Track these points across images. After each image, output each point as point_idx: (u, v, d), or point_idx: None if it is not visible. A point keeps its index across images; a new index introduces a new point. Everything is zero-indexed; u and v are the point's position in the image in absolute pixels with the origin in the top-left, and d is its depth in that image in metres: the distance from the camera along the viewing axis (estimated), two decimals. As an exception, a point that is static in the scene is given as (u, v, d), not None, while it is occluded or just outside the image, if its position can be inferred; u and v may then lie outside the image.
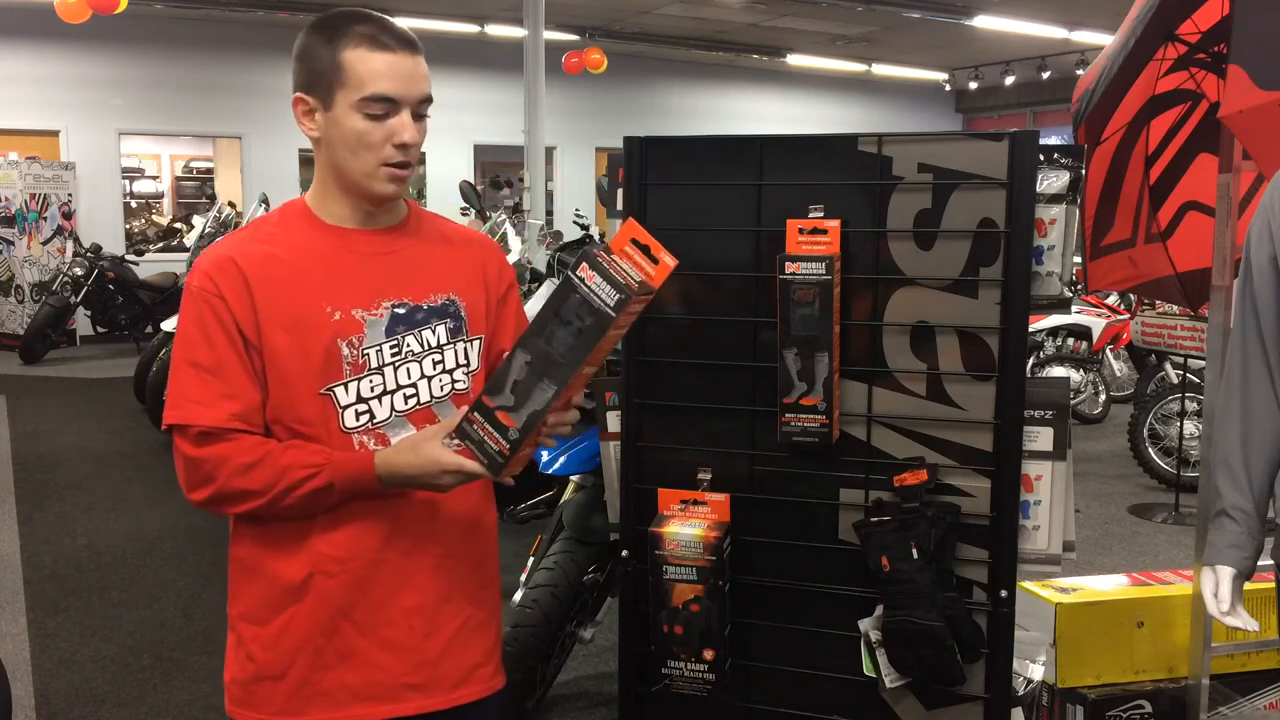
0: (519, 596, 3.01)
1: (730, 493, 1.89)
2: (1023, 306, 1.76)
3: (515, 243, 6.23)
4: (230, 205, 10.10)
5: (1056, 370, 7.71)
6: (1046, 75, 14.09)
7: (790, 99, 15.91)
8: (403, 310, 1.56)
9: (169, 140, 14.79)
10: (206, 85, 12.12)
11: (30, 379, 9.38)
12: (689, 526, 1.82)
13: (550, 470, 3.12)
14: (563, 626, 3.07)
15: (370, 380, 1.53)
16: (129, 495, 5.77)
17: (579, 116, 13.89)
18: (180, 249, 12.08)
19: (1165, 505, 5.92)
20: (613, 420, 2.03)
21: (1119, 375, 8.68)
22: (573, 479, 3.23)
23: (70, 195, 11.14)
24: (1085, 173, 1.98)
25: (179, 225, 14.31)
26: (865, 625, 1.84)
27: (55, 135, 11.73)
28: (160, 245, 12.79)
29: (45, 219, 10.96)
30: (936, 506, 1.77)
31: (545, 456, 3.09)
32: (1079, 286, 6.87)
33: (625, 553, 1.99)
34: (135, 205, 14.92)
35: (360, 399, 1.53)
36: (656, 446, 1.97)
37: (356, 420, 1.53)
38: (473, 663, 1.64)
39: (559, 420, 1.45)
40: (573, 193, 14.27)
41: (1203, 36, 2.68)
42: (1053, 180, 1.80)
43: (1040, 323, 7.68)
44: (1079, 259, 2.83)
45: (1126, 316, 7.77)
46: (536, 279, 5.50)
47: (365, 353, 1.53)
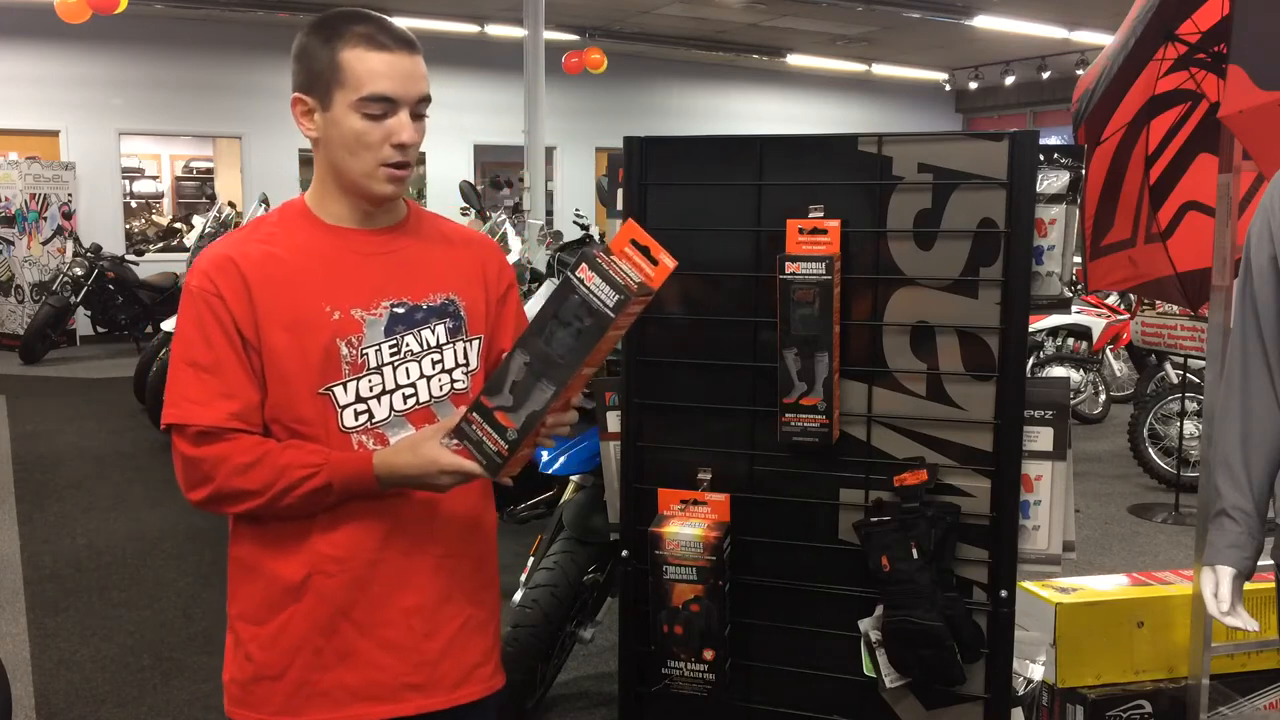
0: (519, 596, 3.01)
1: (730, 493, 1.88)
2: (1023, 306, 1.76)
3: (515, 243, 6.23)
4: (230, 205, 10.10)
5: (1056, 370, 7.70)
6: (1046, 75, 14.09)
7: (790, 99, 15.91)
8: (402, 310, 1.56)
9: (169, 140, 14.80)
10: (206, 85, 12.12)
11: (30, 379, 9.38)
12: (689, 526, 1.82)
13: (550, 470, 3.12)
14: (563, 626, 3.07)
15: (369, 380, 1.53)
16: (129, 495, 5.77)
17: (579, 116, 13.89)
18: (180, 249, 12.09)
19: (1165, 505, 5.92)
20: (613, 420, 2.02)
21: (1119, 375, 8.68)
22: (573, 479, 3.23)
23: (70, 195, 11.14)
24: (1085, 173, 1.98)
25: (179, 225, 14.31)
26: (865, 625, 1.84)
27: (55, 135, 11.74)
28: (160, 245, 12.80)
29: (45, 219, 10.96)
30: (936, 506, 1.77)
31: (545, 456, 3.09)
32: (1079, 286, 6.87)
33: (625, 553, 1.99)
34: (135, 205, 14.92)
35: (359, 398, 1.53)
36: (656, 446, 1.97)
37: (355, 420, 1.53)
38: (472, 663, 1.64)
39: (558, 421, 1.45)
40: (573, 193, 14.27)
41: (1203, 36, 2.68)
42: (1053, 180, 1.80)
43: (1040, 323, 7.68)
44: (1079, 259, 2.82)
45: (1126, 316, 7.77)
46: (536, 279, 5.50)
47: (364, 352, 1.53)
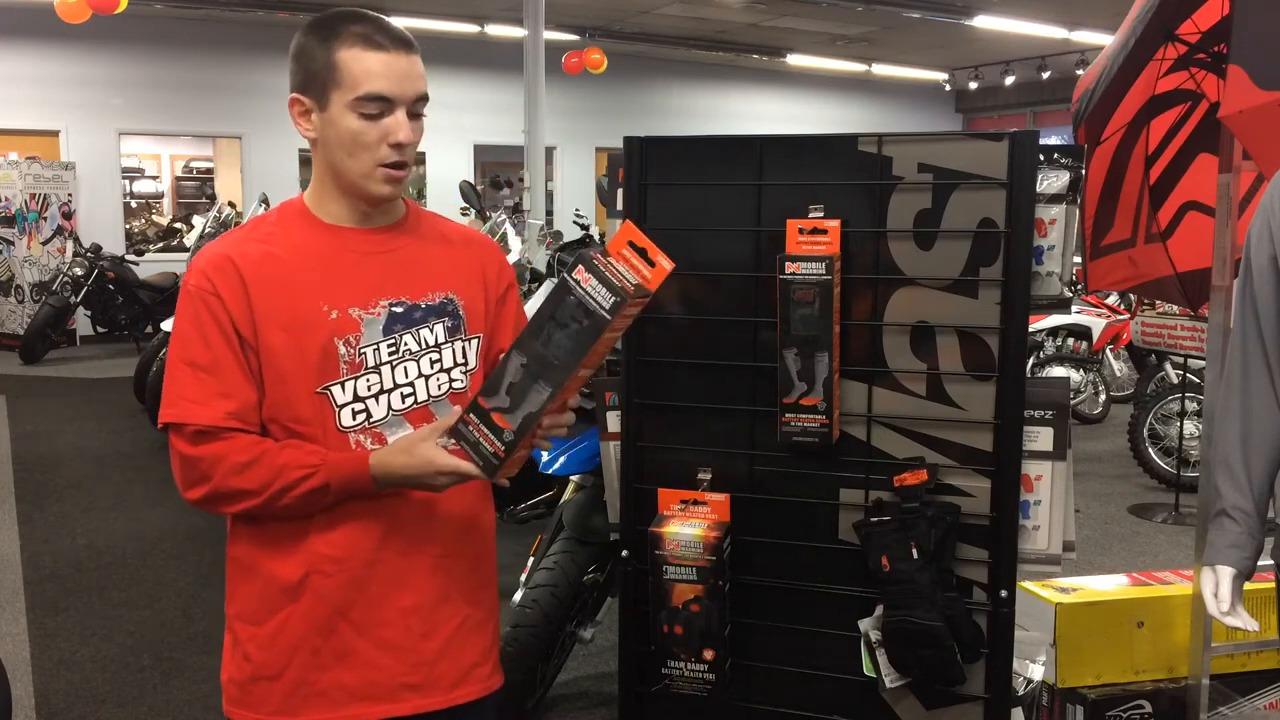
0: (519, 596, 3.01)
1: (730, 493, 1.88)
2: (1023, 306, 1.75)
3: (515, 243, 6.23)
4: (230, 205, 10.10)
5: (1056, 370, 7.70)
6: (1046, 75, 14.09)
7: (790, 99, 15.91)
8: (400, 309, 1.56)
9: (169, 140, 14.80)
10: (206, 85, 12.12)
11: (30, 379, 9.38)
12: (689, 526, 1.82)
13: (550, 470, 3.12)
14: (563, 626, 3.07)
15: (367, 379, 1.53)
16: (129, 495, 5.77)
17: (579, 116, 13.89)
18: (180, 249, 12.10)
19: (1165, 505, 5.92)
20: (613, 420, 2.02)
21: (1119, 375, 8.68)
22: (573, 479, 3.23)
23: (70, 195, 11.14)
24: (1085, 173, 1.98)
25: (179, 225, 14.32)
26: (865, 625, 1.84)
27: (55, 135, 11.74)
28: (160, 245, 12.80)
29: (45, 219, 10.96)
30: (936, 506, 1.77)
31: (545, 456, 3.09)
32: (1079, 286, 6.87)
33: (625, 553, 1.99)
34: (135, 205, 14.93)
35: (357, 398, 1.53)
36: (656, 446, 1.97)
37: (353, 419, 1.52)
38: (470, 663, 1.64)
39: (554, 423, 1.44)
40: (573, 193, 14.27)
41: (1203, 36, 2.68)
42: (1053, 180, 1.80)
43: (1040, 323, 7.68)
44: (1079, 259, 2.82)
45: (1126, 316, 7.77)
46: (536, 279, 5.51)
47: (362, 351, 1.53)
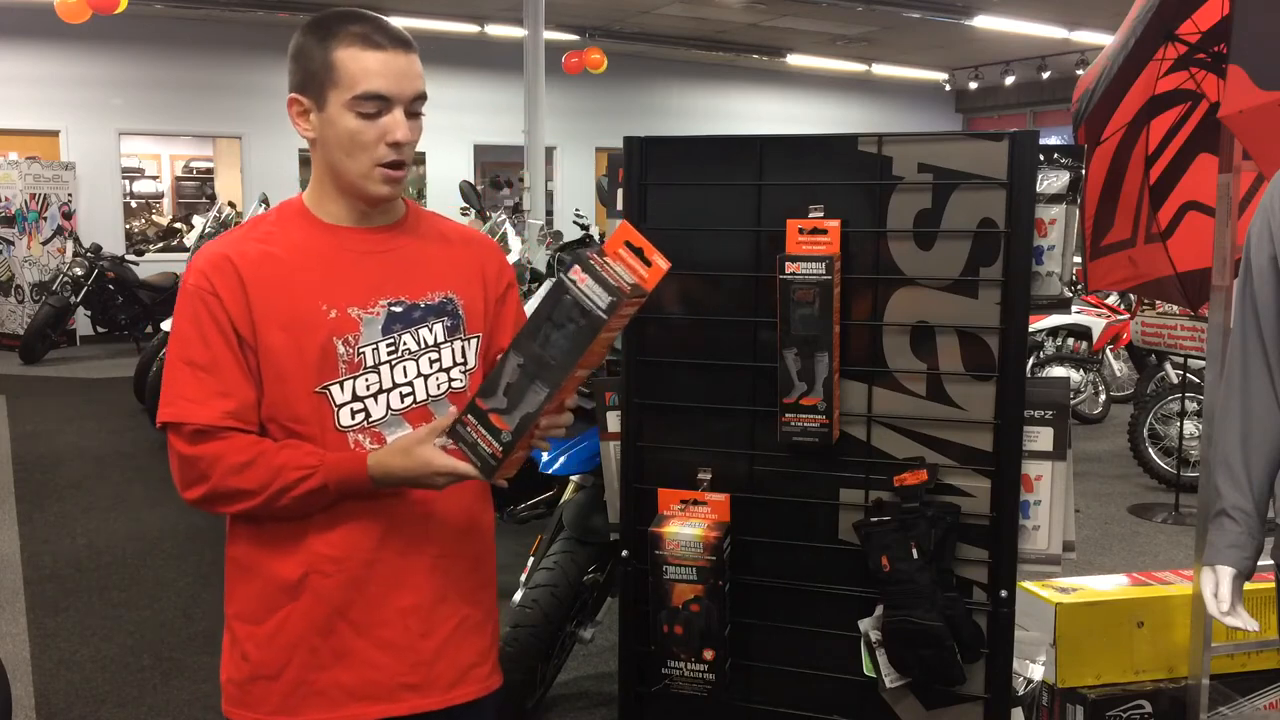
0: (519, 596, 3.01)
1: (730, 493, 1.88)
2: (1023, 306, 1.75)
3: (515, 243, 6.23)
4: (230, 205, 10.10)
5: (1056, 370, 7.70)
6: (1046, 75, 14.09)
7: (790, 99, 15.91)
8: (400, 308, 1.56)
9: (169, 140, 14.80)
10: (206, 85, 12.12)
11: (30, 379, 9.37)
12: (689, 526, 1.82)
13: (550, 470, 3.12)
14: (563, 626, 3.07)
15: (366, 379, 1.53)
16: (129, 495, 5.77)
17: (579, 116, 13.89)
18: (180, 249, 12.10)
19: (1165, 505, 5.92)
20: (613, 420, 2.02)
21: (1119, 375, 8.68)
22: (573, 479, 3.23)
23: (70, 195, 11.14)
24: (1085, 173, 1.98)
25: (179, 225, 14.31)
26: (865, 625, 1.84)
27: (55, 135, 11.74)
28: (160, 245, 12.80)
29: (45, 219, 10.96)
30: (936, 506, 1.77)
31: (545, 456, 3.09)
32: (1079, 286, 6.87)
33: (625, 553, 1.99)
34: (135, 205, 14.92)
35: (356, 397, 1.53)
36: (656, 446, 1.97)
37: (352, 419, 1.52)
38: (468, 663, 1.64)
39: (552, 423, 1.44)
40: (573, 193, 14.27)
41: (1203, 36, 2.68)
42: (1053, 180, 1.80)
43: (1040, 323, 7.68)
44: (1079, 259, 2.82)
45: (1126, 316, 7.77)
46: (536, 279, 5.50)
47: (361, 351, 1.53)
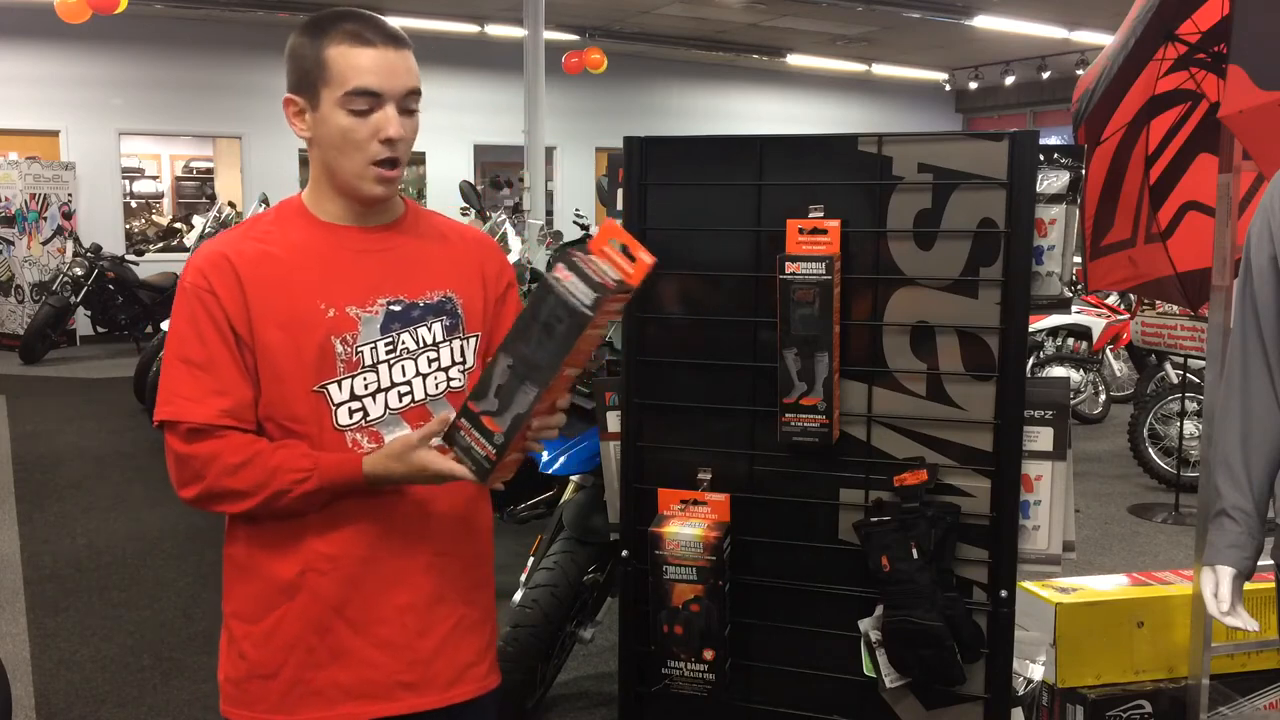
0: (519, 596, 3.01)
1: (730, 493, 1.88)
2: (1023, 306, 1.75)
3: (515, 243, 6.23)
4: (230, 205, 10.11)
5: (1056, 370, 7.70)
6: (1046, 75, 14.09)
7: (790, 99, 15.91)
8: (398, 307, 1.56)
9: (169, 140, 14.80)
10: (206, 85, 12.12)
11: (30, 379, 9.37)
12: (689, 526, 1.82)
13: (550, 470, 3.12)
14: (563, 626, 3.07)
15: (364, 378, 1.53)
16: (129, 495, 5.77)
17: (579, 116, 13.89)
18: (180, 249, 12.10)
19: (1165, 505, 5.92)
20: (613, 420, 2.02)
21: (1119, 375, 8.68)
22: (573, 479, 3.23)
23: (70, 195, 11.14)
24: (1085, 173, 1.98)
25: (179, 225, 14.31)
26: (865, 625, 1.84)
27: (55, 135, 11.73)
28: (160, 245, 12.80)
29: (45, 219, 10.96)
30: (936, 506, 1.77)
31: (545, 456, 3.09)
32: (1079, 286, 6.87)
33: (625, 553, 1.99)
34: (135, 205, 14.92)
35: (354, 396, 1.52)
36: (656, 446, 1.97)
37: (350, 418, 1.52)
38: (466, 662, 1.64)
39: (543, 424, 1.44)
40: (573, 193, 14.27)
41: (1203, 36, 2.68)
42: (1053, 180, 1.80)
43: (1040, 323, 7.68)
44: (1079, 259, 2.82)
45: (1126, 316, 7.77)
46: (536, 279, 5.50)
47: (359, 350, 1.52)
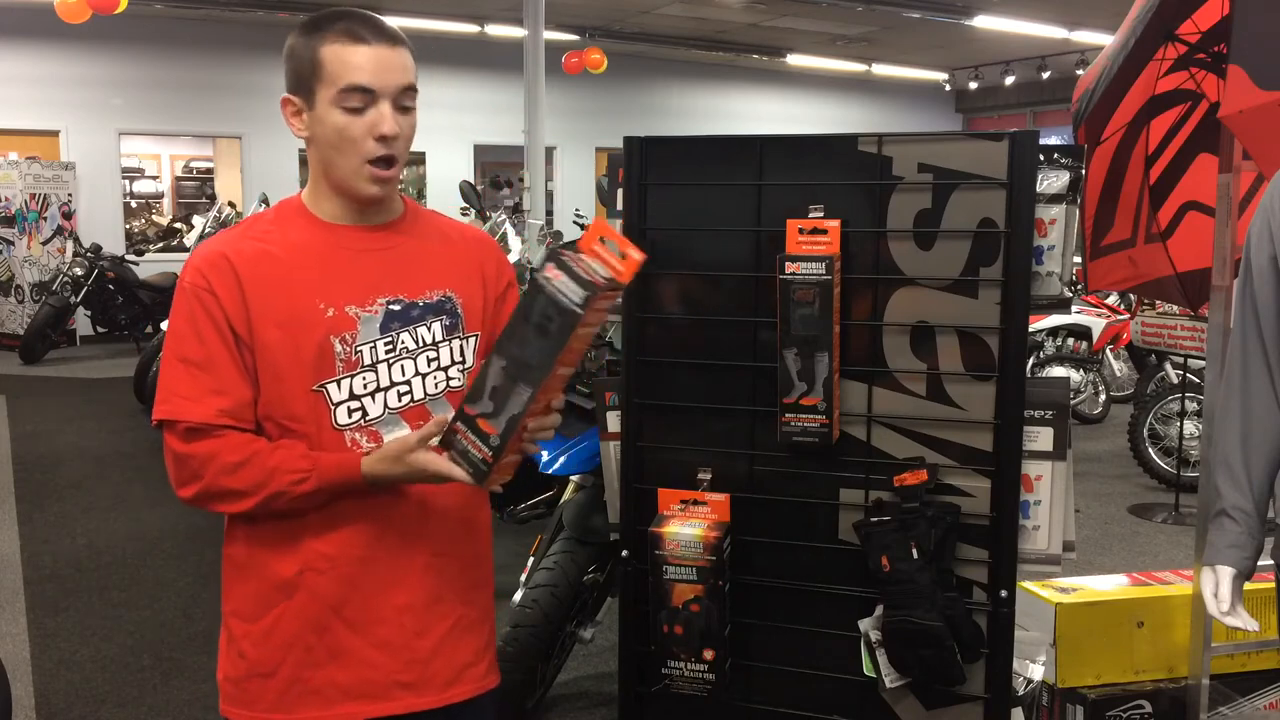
0: (519, 596, 3.00)
1: (730, 493, 1.88)
2: (1023, 306, 1.75)
3: (515, 243, 6.24)
4: (230, 205, 10.11)
5: (1056, 370, 7.70)
6: (1046, 75, 14.09)
7: (790, 99, 15.91)
8: (398, 307, 1.56)
9: (169, 140, 14.80)
10: (206, 85, 12.11)
11: (30, 379, 9.37)
12: (689, 526, 1.82)
13: (550, 470, 3.12)
14: (563, 626, 3.07)
15: (363, 377, 1.53)
16: (129, 495, 5.77)
17: (579, 116, 13.88)
18: (180, 249, 12.10)
19: (1165, 505, 5.92)
20: (613, 420, 2.02)
21: (1119, 375, 8.68)
22: (573, 479, 3.23)
23: (70, 195, 11.14)
24: (1085, 173, 1.98)
25: (179, 225, 14.31)
26: (865, 625, 1.84)
27: (55, 135, 11.73)
28: (160, 245, 12.79)
29: (45, 219, 10.95)
30: (936, 506, 1.77)
31: (545, 456, 3.09)
32: (1079, 286, 6.86)
33: (625, 553, 1.99)
34: (135, 205, 14.92)
35: (353, 396, 1.52)
36: (656, 446, 1.97)
37: (349, 417, 1.53)
38: (464, 662, 1.64)
39: (538, 425, 1.44)
40: (573, 193, 14.27)
41: (1203, 36, 2.68)
42: (1053, 180, 1.80)
43: (1040, 323, 7.68)
44: (1079, 259, 2.82)
45: (1126, 316, 7.77)
46: (536, 279, 5.50)
47: (359, 349, 1.52)
